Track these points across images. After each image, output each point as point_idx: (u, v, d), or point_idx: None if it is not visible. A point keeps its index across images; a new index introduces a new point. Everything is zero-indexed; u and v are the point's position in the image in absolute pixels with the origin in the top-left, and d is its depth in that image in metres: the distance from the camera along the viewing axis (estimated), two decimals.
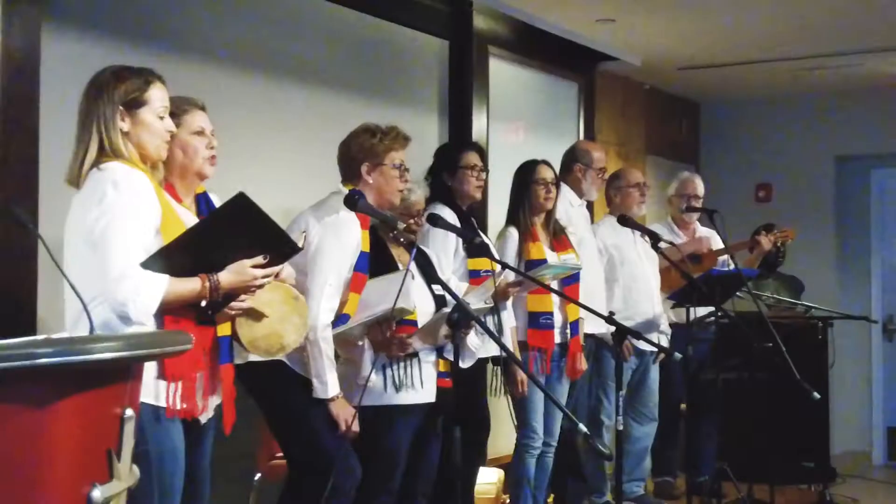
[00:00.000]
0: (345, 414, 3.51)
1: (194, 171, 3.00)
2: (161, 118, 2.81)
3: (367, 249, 3.65)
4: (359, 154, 3.71)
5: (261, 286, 2.78)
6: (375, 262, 3.77)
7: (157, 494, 2.66)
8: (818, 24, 6.15)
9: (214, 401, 2.95)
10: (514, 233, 4.78)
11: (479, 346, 4.05)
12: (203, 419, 2.91)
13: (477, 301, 3.97)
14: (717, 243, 6.03)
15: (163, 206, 2.73)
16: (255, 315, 2.94)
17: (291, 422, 3.58)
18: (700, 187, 6.03)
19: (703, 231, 6.12)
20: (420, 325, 3.76)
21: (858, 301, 7.92)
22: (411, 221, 4.02)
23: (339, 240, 3.56)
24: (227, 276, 2.69)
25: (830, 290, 7.76)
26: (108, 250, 2.60)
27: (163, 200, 2.76)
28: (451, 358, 3.74)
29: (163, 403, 2.68)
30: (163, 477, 2.68)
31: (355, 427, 3.51)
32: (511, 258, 4.68)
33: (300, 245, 2.94)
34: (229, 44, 4.39)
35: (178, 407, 2.72)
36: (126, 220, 2.63)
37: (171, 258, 2.64)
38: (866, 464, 7.92)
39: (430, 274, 3.88)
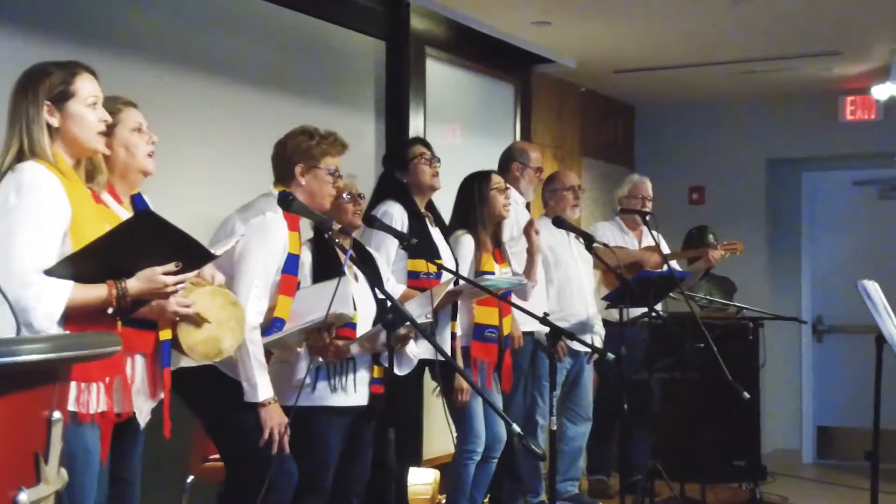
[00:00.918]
0: (274, 421, 3.46)
1: (137, 168, 3.01)
2: (93, 108, 2.76)
3: (297, 252, 3.62)
4: (294, 155, 3.68)
5: (173, 293, 2.74)
6: (323, 267, 3.76)
7: (66, 496, 2.62)
8: (751, 29, 6.25)
9: (149, 403, 2.94)
10: (469, 240, 4.73)
11: (417, 354, 4.05)
12: (143, 422, 2.92)
13: (418, 311, 3.95)
14: (664, 246, 6.13)
15: (76, 209, 2.65)
16: (196, 320, 2.94)
17: (224, 424, 3.55)
18: (650, 189, 6.09)
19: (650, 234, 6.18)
20: (359, 329, 3.76)
21: (789, 302, 8.05)
22: (348, 203, 3.97)
23: (264, 242, 3.51)
24: (136, 284, 2.63)
25: (762, 291, 7.87)
26: (10, 256, 2.53)
27: (77, 202, 2.67)
28: (387, 364, 3.75)
29: (73, 407, 2.63)
30: (72, 477, 2.64)
31: (286, 433, 3.48)
32: (467, 265, 4.65)
33: (219, 253, 2.92)
34: (162, 42, 4.34)
35: (92, 410, 2.68)
36: (28, 225, 2.56)
37: (78, 266, 2.58)
38: (796, 462, 8.06)
39: (372, 278, 3.85)
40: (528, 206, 5.74)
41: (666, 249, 6.05)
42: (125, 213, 2.92)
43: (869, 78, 7.29)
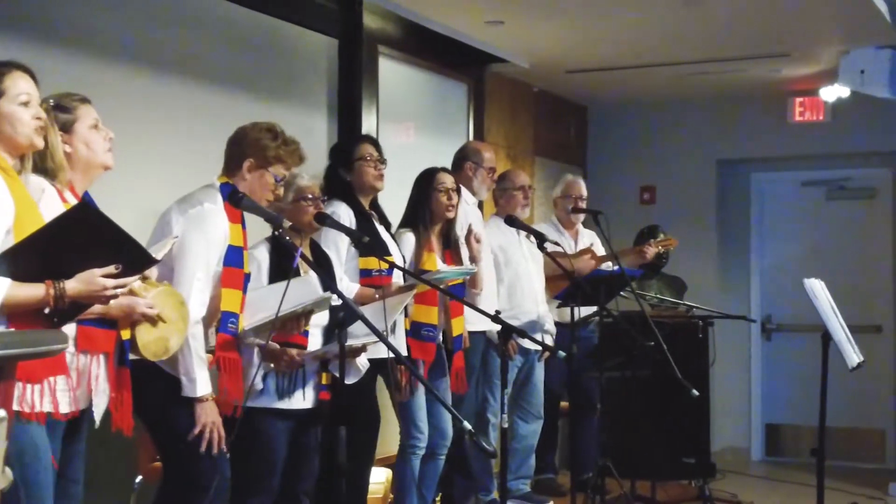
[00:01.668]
0: (208, 418, 3.43)
1: (98, 164, 3.03)
2: (25, 106, 2.73)
3: (239, 244, 3.57)
4: (249, 148, 3.64)
5: (113, 296, 2.71)
6: (280, 267, 3.75)
7: (23, 491, 2.60)
8: (701, 31, 6.31)
9: (105, 401, 2.94)
10: (411, 238, 4.75)
11: (365, 365, 4.04)
12: (98, 419, 2.93)
13: (373, 318, 3.93)
14: (598, 245, 6.19)
15: (19, 206, 2.62)
16: (154, 320, 2.99)
17: (161, 422, 3.51)
18: (584, 189, 6.14)
19: (585, 232, 6.24)
20: (311, 336, 3.78)
21: (738, 301, 8.14)
22: (308, 203, 3.96)
23: (203, 233, 3.48)
24: (74, 285, 2.59)
25: (712, 290, 7.95)
26: None
27: (20, 199, 2.65)
28: (336, 372, 3.75)
29: (17, 407, 2.60)
30: (24, 472, 2.61)
31: (220, 433, 3.45)
32: (405, 262, 4.66)
33: (159, 257, 2.90)
34: (113, 38, 4.30)
35: (36, 410, 2.66)
36: None
37: (15, 263, 2.54)
38: (745, 459, 8.17)
39: (326, 282, 3.84)
40: (481, 205, 5.76)
41: (600, 249, 6.13)
42: None
43: (817, 80, 7.39)
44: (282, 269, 3.73)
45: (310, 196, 3.98)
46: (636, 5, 5.75)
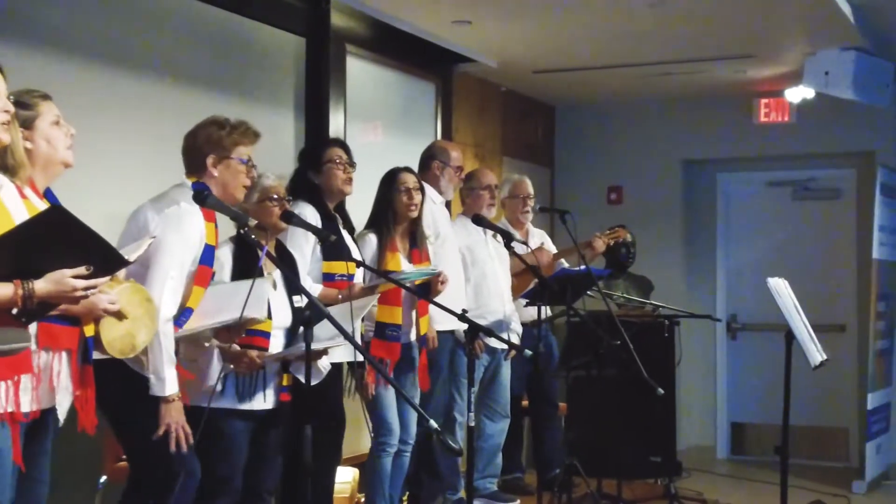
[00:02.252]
0: (173, 418, 3.41)
1: (59, 160, 3.00)
2: None
3: (213, 243, 3.58)
4: (205, 146, 3.63)
5: (83, 297, 2.70)
6: (243, 266, 3.73)
7: None
8: (667, 32, 6.34)
9: (69, 400, 2.92)
10: (373, 239, 4.75)
11: (327, 367, 4.04)
12: (62, 418, 2.89)
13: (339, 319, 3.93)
14: (549, 243, 6.22)
15: None
16: (118, 316, 2.95)
17: (127, 422, 3.50)
18: (529, 188, 6.12)
19: (535, 232, 6.26)
20: (273, 338, 3.76)
21: (704, 300, 8.19)
22: (273, 205, 3.95)
23: (180, 232, 3.47)
24: (44, 285, 2.57)
25: (678, 289, 8.00)
26: None
27: None
28: (297, 374, 3.75)
29: None
30: None
31: (185, 432, 3.44)
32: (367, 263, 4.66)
33: (132, 258, 2.88)
34: (78, 35, 4.27)
35: (0, 410, 2.63)
36: None
37: None
38: (711, 458, 8.21)
39: (292, 283, 3.83)
40: (448, 205, 5.76)
41: (551, 248, 6.17)
42: (44, 206, 2.87)
43: (782, 81, 7.45)
44: (245, 268, 3.72)
45: (275, 196, 3.98)
46: (603, 6, 5.78)
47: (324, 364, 3.99)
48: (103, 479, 4.09)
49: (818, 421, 7.99)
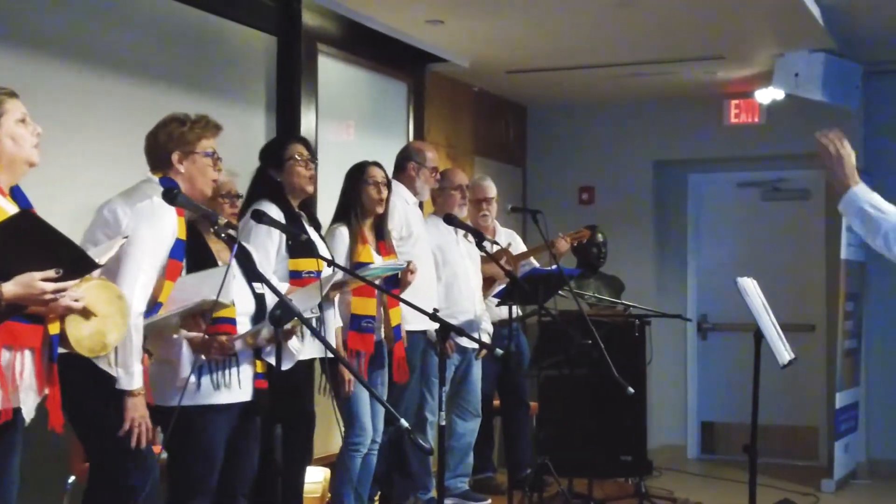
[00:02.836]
0: (137, 412, 3.40)
1: (24, 159, 2.96)
2: None
3: (184, 237, 3.57)
4: (168, 143, 3.61)
5: (52, 300, 2.68)
6: (194, 258, 3.71)
7: None
8: (638, 33, 6.37)
9: (35, 399, 2.89)
10: (344, 232, 4.76)
11: (299, 349, 4.02)
12: (28, 418, 2.87)
13: (302, 305, 3.93)
14: (519, 243, 6.24)
15: None
16: (85, 314, 2.90)
17: (91, 418, 3.46)
18: (487, 191, 6.13)
19: (502, 232, 6.27)
20: (239, 322, 3.72)
21: (675, 300, 8.23)
22: (224, 202, 3.94)
23: (153, 227, 3.46)
24: (12, 288, 2.56)
25: (649, 289, 8.03)
26: None
27: None
28: (269, 360, 3.73)
29: None
30: None
31: (147, 428, 3.42)
32: (341, 257, 4.67)
33: (102, 261, 2.86)
34: (47, 33, 4.24)
35: None
36: None
37: None
38: (681, 457, 8.25)
39: (251, 271, 3.82)
40: (421, 205, 5.77)
41: (520, 248, 6.19)
42: (10, 205, 2.85)
43: (752, 82, 7.49)
44: (196, 262, 3.71)
45: (224, 192, 3.97)
46: (574, 7, 5.80)
47: (294, 346, 3.97)
48: (72, 479, 4.06)
49: (787, 420, 8.05)
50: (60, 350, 2.99)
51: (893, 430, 7.64)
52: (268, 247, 4.35)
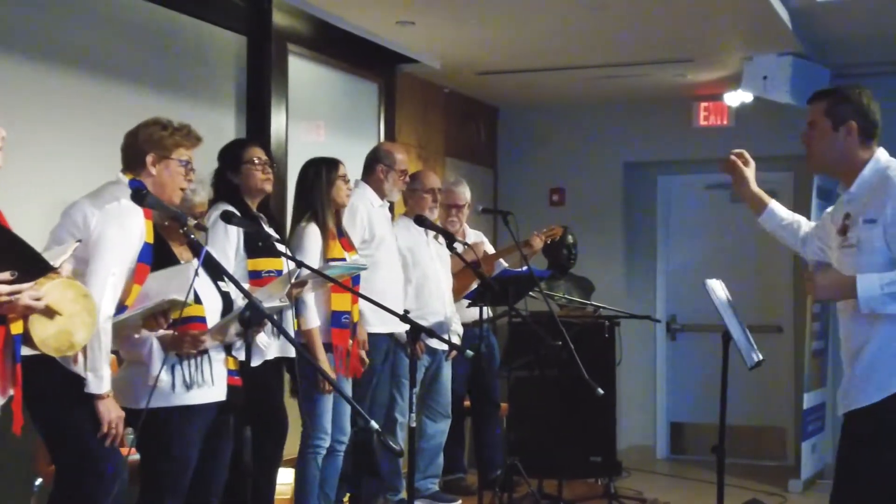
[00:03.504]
0: (112, 415, 3.40)
1: None
2: None
3: (151, 241, 3.56)
4: (146, 144, 3.62)
5: (7, 303, 2.65)
6: (157, 260, 3.69)
7: None
8: (608, 35, 6.40)
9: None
10: (316, 230, 4.74)
11: (267, 344, 4.01)
12: None
13: (268, 300, 3.93)
14: (488, 246, 6.25)
15: None
16: (48, 313, 2.87)
17: (58, 421, 3.45)
18: (462, 197, 6.12)
19: (471, 234, 6.28)
20: (209, 321, 3.71)
21: (644, 301, 8.26)
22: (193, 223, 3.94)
23: (122, 229, 3.45)
24: None
25: (618, 290, 8.07)
26: None
27: None
28: (240, 356, 3.71)
29: None
30: None
31: (122, 429, 3.42)
32: (315, 255, 4.65)
33: (57, 263, 2.84)
34: (15, 31, 4.21)
35: None
36: None
37: None
38: (650, 457, 8.29)
39: (217, 270, 3.80)
40: (392, 207, 5.76)
41: (490, 248, 6.21)
42: None
43: (721, 85, 7.54)
44: (160, 263, 3.69)
45: (198, 213, 3.98)
46: (545, 9, 5.81)
47: (263, 342, 3.96)
48: (38, 481, 4.03)
49: (756, 421, 8.10)
50: (28, 352, 2.96)
51: None
52: (225, 247, 4.34)
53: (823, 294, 3.56)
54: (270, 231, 4.55)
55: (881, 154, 3.44)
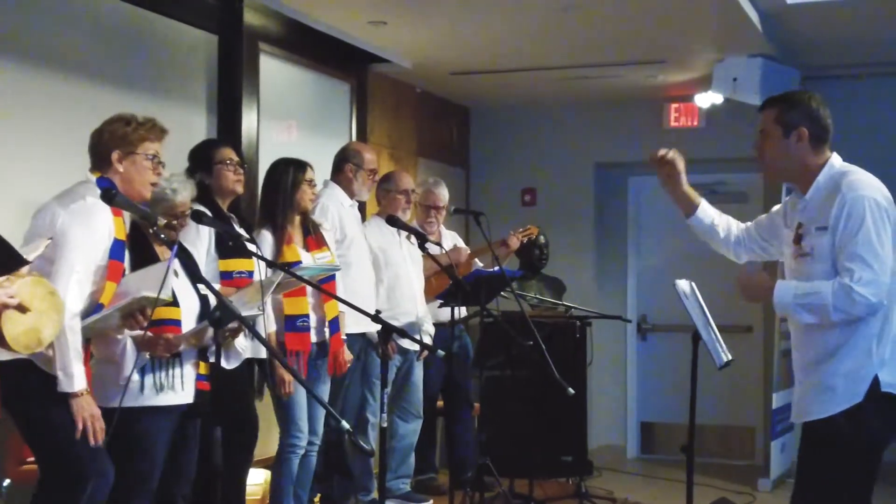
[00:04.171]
0: (86, 412, 3.38)
1: None
2: None
3: (122, 237, 3.55)
4: (111, 141, 3.61)
5: None
6: (139, 259, 3.68)
7: None
8: (580, 36, 6.42)
9: None
10: (268, 236, 4.72)
11: (246, 347, 4.01)
12: None
13: (244, 307, 3.91)
14: (461, 244, 6.26)
15: None
16: (21, 310, 2.89)
17: (38, 422, 3.44)
18: (442, 199, 6.13)
19: (447, 234, 6.29)
20: (184, 325, 3.70)
21: (615, 301, 8.30)
22: (175, 223, 3.93)
23: (86, 227, 3.44)
24: None
25: (590, 290, 8.09)
26: None
27: None
28: (213, 360, 3.70)
29: None
30: None
31: (100, 426, 3.41)
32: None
33: (31, 258, 2.83)
34: None
35: None
36: None
37: None
38: (621, 457, 8.32)
39: (194, 272, 3.79)
40: (363, 206, 5.75)
41: (465, 249, 6.22)
42: None
43: (692, 86, 7.58)
44: (139, 262, 3.69)
45: (181, 212, 3.95)
46: (516, 10, 5.82)
47: (241, 344, 3.95)
48: (7, 482, 4.00)
49: (725, 420, 8.15)
50: (6, 356, 2.95)
51: None
52: (197, 247, 4.32)
53: (746, 294, 3.59)
54: (241, 232, 4.54)
55: (835, 160, 3.46)
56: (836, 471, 3.31)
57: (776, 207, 3.67)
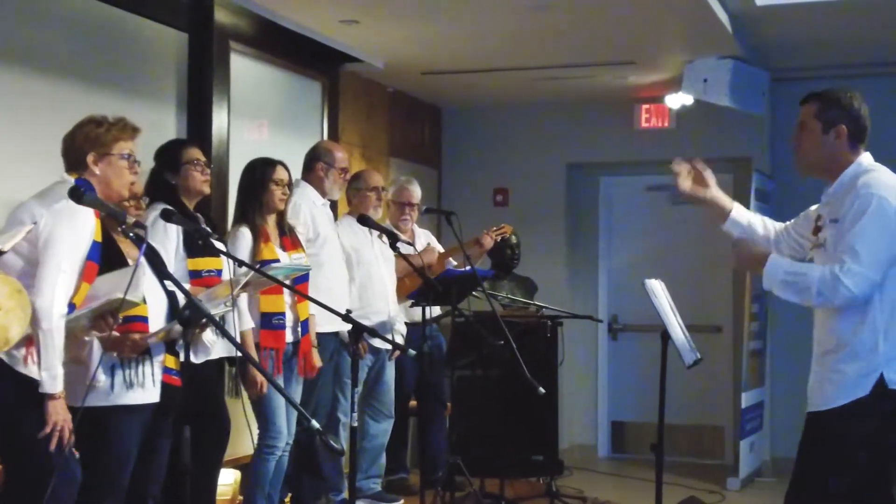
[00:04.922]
0: (59, 416, 3.37)
1: None
2: None
3: (100, 239, 3.54)
4: (84, 144, 3.60)
5: None
6: (105, 258, 3.66)
7: None
8: (551, 37, 6.43)
9: None
10: (246, 232, 4.73)
11: (213, 341, 3.99)
12: None
13: (213, 304, 3.90)
14: (435, 243, 6.26)
15: None
16: None
17: (9, 426, 3.41)
18: (415, 195, 6.14)
19: (420, 232, 6.30)
20: (152, 320, 3.69)
21: (586, 301, 8.32)
22: (131, 205, 3.91)
23: (72, 227, 3.43)
24: None
25: (561, 290, 8.11)
26: None
27: None
28: (181, 355, 3.69)
29: None
30: None
31: (69, 430, 3.39)
32: (244, 258, 4.63)
33: (6, 248, 2.81)
34: None
35: None
36: None
37: None
38: (592, 456, 8.35)
39: (161, 270, 3.78)
40: (335, 205, 5.74)
41: (438, 247, 6.23)
42: None
43: (663, 87, 7.61)
44: (108, 262, 3.66)
45: (132, 193, 3.93)
46: (490, 10, 5.83)
47: (209, 339, 3.94)
48: None
49: (695, 419, 8.19)
50: None
51: (797, 429, 7.72)
52: (166, 245, 4.31)
53: (739, 262, 3.62)
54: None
55: (864, 158, 3.49)
56: (831, 464, 3.34)
57: (813, 207, 3.69)
